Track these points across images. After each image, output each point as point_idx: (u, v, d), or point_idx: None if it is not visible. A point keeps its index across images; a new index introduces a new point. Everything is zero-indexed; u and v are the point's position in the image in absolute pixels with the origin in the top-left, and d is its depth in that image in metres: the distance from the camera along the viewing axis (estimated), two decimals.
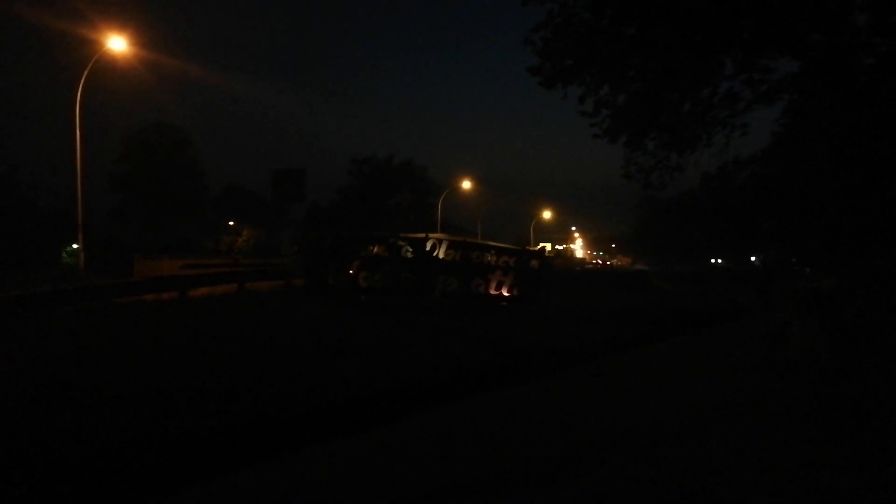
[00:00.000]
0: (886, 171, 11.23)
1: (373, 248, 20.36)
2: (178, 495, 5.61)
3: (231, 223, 63.07)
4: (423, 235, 21.21)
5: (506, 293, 20.30)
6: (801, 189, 13.24)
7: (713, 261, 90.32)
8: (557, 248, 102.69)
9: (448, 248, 20.44)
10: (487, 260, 20.53)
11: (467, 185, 64.06)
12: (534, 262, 21.14)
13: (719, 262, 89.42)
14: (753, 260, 74.13)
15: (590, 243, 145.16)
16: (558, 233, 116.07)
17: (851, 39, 11.32)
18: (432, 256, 20.25)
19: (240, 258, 44.74)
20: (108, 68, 30.52)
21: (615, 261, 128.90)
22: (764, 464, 6.16)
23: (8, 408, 7.11)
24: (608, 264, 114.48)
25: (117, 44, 25.81)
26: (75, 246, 36.84)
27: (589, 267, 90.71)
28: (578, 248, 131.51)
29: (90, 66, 25.93)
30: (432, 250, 20.32)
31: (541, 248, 24.77)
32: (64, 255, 52.11)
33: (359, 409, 8.16)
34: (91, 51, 26.32)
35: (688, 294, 35.24)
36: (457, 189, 65.15)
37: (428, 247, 20.38)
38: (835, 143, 11.80)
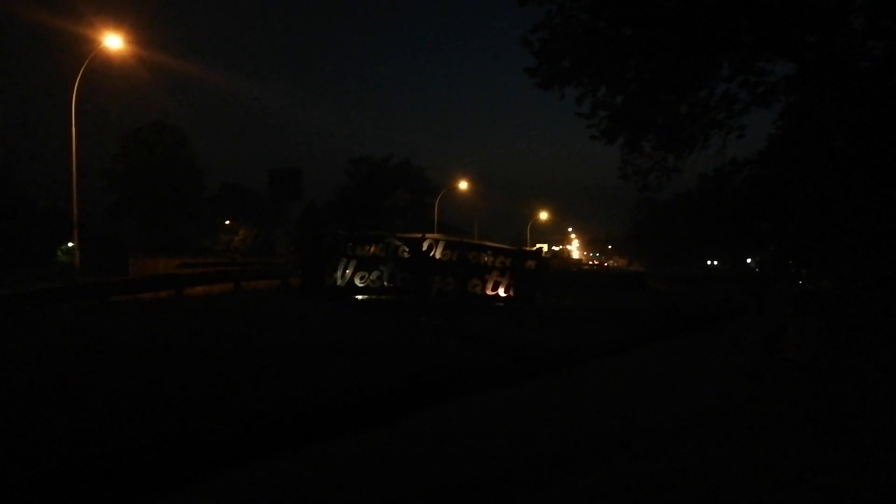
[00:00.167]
0: (883, 173, 11.27)
1: (370, 248, 20.35)
2: (175, 494, 5.61)
3: (228, 222, 62.99)
4: (419, 235, 21.23)
5: (502, 293, 20.32)
6: (798, 191, 13.27)
7: (709, 262, 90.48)
8: (554, 249, 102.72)
9: (445, 249, 20.45)
10: (484, 260, 20.55)
11: (464, 185, 64.08)
12: (530, 263, 21.16)
13: (715, 263, 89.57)
14: (749, 262, 74.29)
15: (586, 244, 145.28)
16: (555, 234, 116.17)
17: (848, 42, 11.35)
18: (429, 256, 20.26)
19: (236, 257, 44.67)
20: (105, 66, 30.47)
21: (611, 262, 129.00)
22: (762, 464, 6.18)
23: (5, 408, 7.10)
24: (606, 265, 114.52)
25: (114, 42, 25.76)
26: (70, 244, 36.78)
27: (585, 268, 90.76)
28: (575, 250, 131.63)
29: (86, 64, 25.87)
30: (429, 250, 20.33)
31: (537, 248, 24.77)
32: (59, 253, 51.96)
33: (356, 408, 8.17)
34: (87, 49, 26.26)
35: (684, 295, 35.33)
36: (454, 189, 65.17)
37: (425, 247, 20.39)
38: (832, 145, 11.83)
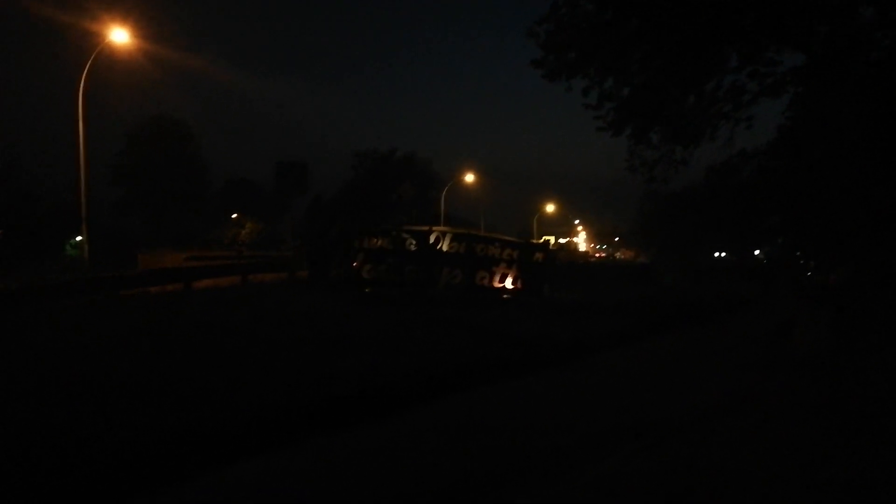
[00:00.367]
0: (893, 163, 11.20)
1: (376, 241, 20.35)
2: (182, 486, 5.63)
3: (234, 216, 63.13)
4: (426, 228, 21.21)
5: (510, 286, 20.31)
6: (807, 182, 13.21)
7: (716, 254, 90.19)
8: (561, 241, 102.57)
9: (452, 241, 20.43)
10: (491, 253, 20.51)
11: (470, 178, 64.10)
12: (538, 255, 21.13)
13: (723, 255, 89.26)
14: (757, 254, 74.03)
15: (593, 237, 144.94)
16: (561, 226, 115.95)
17: (856, 33, 11.28)
18: (436, 249, 20.25)
19: (243, 251, 44.79)
20: (111, 61, 30.49)
21: (619, 254, 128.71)
22: (771, 457, 6.17)
23: (13, 401, 7.14)
24: (616, 257, 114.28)
25: (120, 36, 25.82)
26: (79, 238, 36.92)
27: (592, 260, 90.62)
28: (581, 242, 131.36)
29: (93, 58, 25.94)
30: (436, 243, 20.32)
31: (545, 240, 24.73)
32: (67, 247, 52.20)
33: (364, 401, 8.18)
34: (94, 43, 26.34)
35: (691, 287, 35.23)
36: (460, 182, 65.17)
37: (432, 239, 20.37)
38: (841, 136, 11.77)
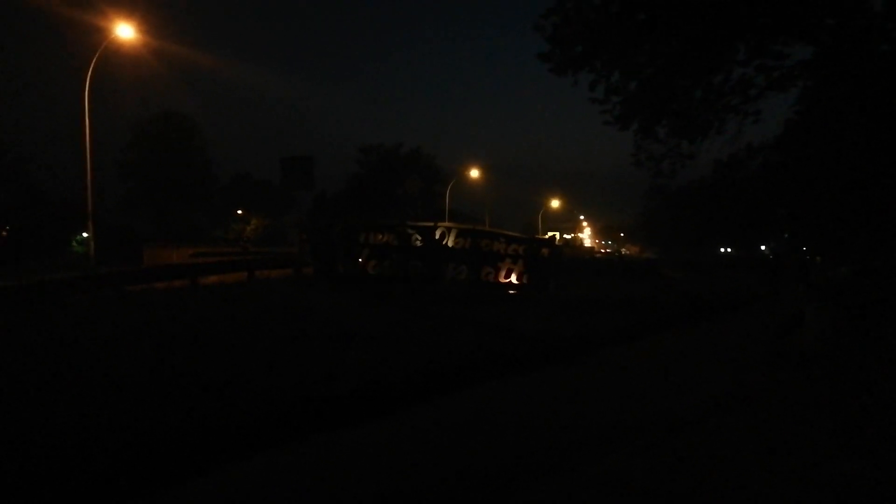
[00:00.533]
0: None
1: (382, 237, 20.33)
2: (188, 482, 5.62)
3: (239, 212, 63.25)
4: (432, 224, 21.18)
5: (515, 281, 20.28)
6: (814, 177, 13.12)
7: (722, 250, 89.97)
8: (566, 237, 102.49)
9: (457, 237, 20.41)
10: (497, 248, 20.48)
11: (475, 173, 63.98)
12: (543, 251, 21.09)
13: (728, 250, 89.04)
14: (763, 249, 73.80)
15: (598, 232, 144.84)
16: (566, 222, 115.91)
17: (866, 25, 11.18)
18: (441, 245, 20.23)
19: (249, 247, 44.89)
20: (117, 57, 30.55)
21: (624, 250, 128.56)
22: (779, 451, 6.13)
23: (20, 396, 7.15)
24: (623, 252, 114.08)
25: (125, 32, 25.81)
26: (85, 235, 37.04)
27: (598, 256, 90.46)
28: (587, 238, 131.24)
29: (98, 54, 25.94)
30: (441, 238, 20.30)
31: (550, 236, 24.66)
32: (74, 243, 52.41)
33: (369, 397, 8.16)
34: (99, 39, 26.33)
35: (697, 283, 35.11)
36: (465, 178, 65.07)
37: (437, 235, 20.35)
38: (849, 130, 11.68)
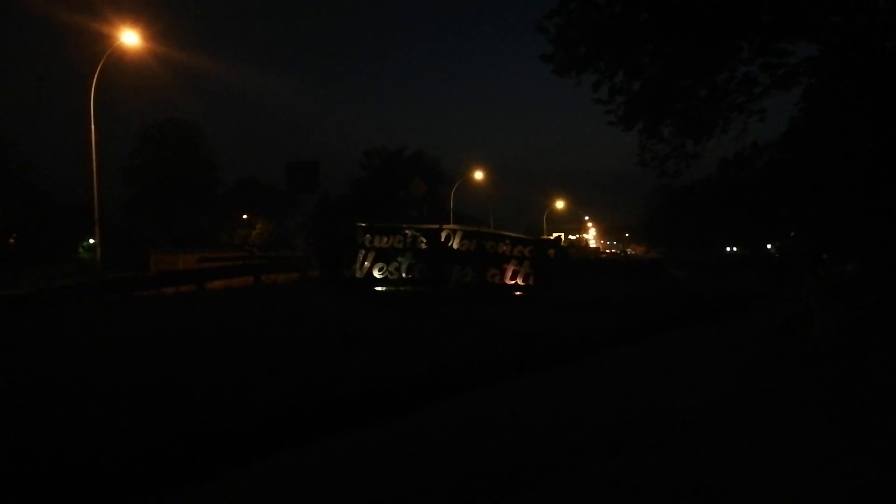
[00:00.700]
0: None
1: (387, 240, 20.34)
2: (194, 486, 5.63)
3: (245, 216, 63.36)
4: (437, 226, 21.19)
5: (521, 283, 20.27)
6: (821, 174, 13.07)
7: (727, 249, 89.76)
8: (571, 237, 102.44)
9: (463, 239, 20.41)
10: (502, 250, 20.47)
11: (479, 175, 63.98)
12: (549, 252, 21.08)
13: (734, 250, 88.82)
14: (769, 247, 73.56)
15: (603, 233, 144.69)
16: (571, 222, 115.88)
17: (871, 22, 11.15)
18: (447, 247, 20.24)
19: (254, 251, 44.96)
20: (122, 63, 30.65)
21: (629, 250, 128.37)
22: (788, 449, 6.11)
23: (28, 401, 7.18)
24: (630, 252, 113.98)
25: (130, 38, 25.95)
26: (91, 241, 37.18)
27: (603, 256, 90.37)
28: (591, 238, 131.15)
29: (103, 60, 26.07)
30: (447, 241, 20.31)
31: (556, 237, 24.64)
32: (80, 249, 52.60)
33: (374, 400, 8.16)
34: (104, 45, 26.47)
35: (702, 282, 35.03)
36: (469, 180, 65.09)
37: (442, 237, 20.36)
38: (855, 127, 11.64)
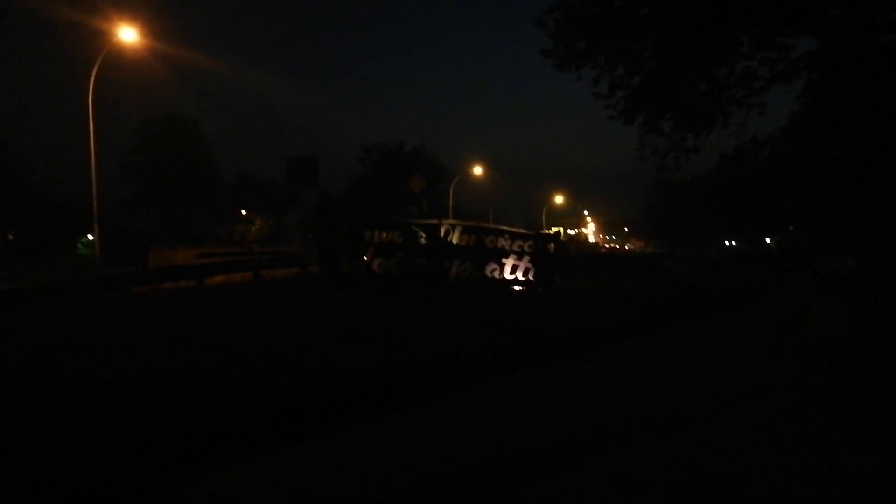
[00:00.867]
0: None
1: (387, 235, 20.34)
2: (193, 482, 5.62)
3: (244, 212, 63.32)
4: (436, 221, 21.20)
5: (521, 277, 20.27)
6: (820, 169, 13.09)
7: (727, 243, 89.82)
8: (570, 232, 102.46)
9: (462, 234, 20.40)
10: (502, 244, 20.46)
11: (478, 170, 63.96)
12: (549, 246, 21.08)
13: (733, 244, 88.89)
14: (769, 242, 73.60)
15: (602, 227, 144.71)
16: (570, 217, 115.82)
17: (871, 16, 11.15)
18: (446, 242, 20.23)
19: (254, 247, 44.96)
20: (120, 59, 30.61)
21: (628, 245, 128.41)
22: (787, 444, 6.13)
23: (28, 396, 7.17)
24: (628, 248, 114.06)
25: (128, 35, 25.86)
26: (90, 237, 37.17)
27: (602, 251, 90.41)
28: (591, 233, 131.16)
29: (102, 57, 26.00)
30: (446, 236, 20.30)
31: (556, 231, 24.61)
32: (79, 245, 52.59)
33: (374, 395, 8.16)
34: (102, 42, 26.40)
35: (702, 277, 35.04)
36: (468, 175, 65.05)
37: (442, 232, 20.36)
38: (854, 121, 11.64)
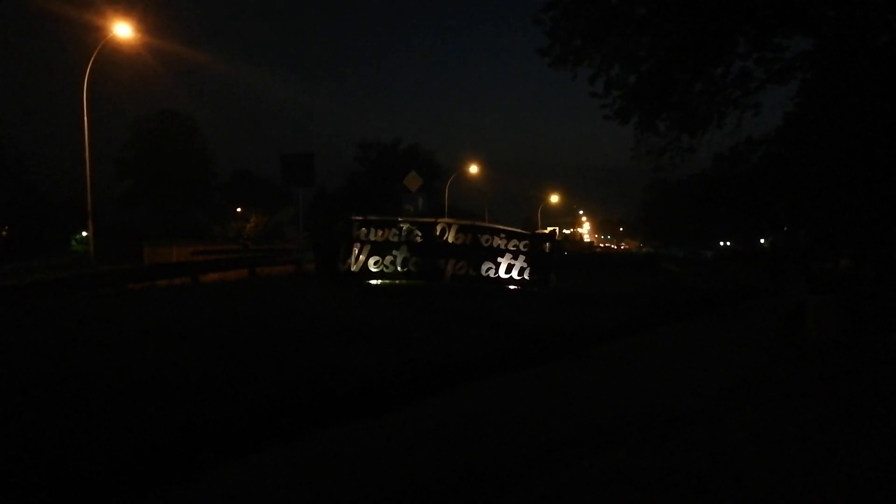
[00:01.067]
0: None
1: (383, 233, 20.31)
2: (190, 480, 5.61)
3: (239, 209, 63.23)
4: (432, 220, 21.17)
5: (516, 276, 20.27)
6: (815, 169, 13.13)
7: (721, 243, 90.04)
8: (565, 231, 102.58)
9: (458, 232, 20.39)
10: (497, 243, 20.46)
11: (474, 169, 63.95)
12: (544, 246, 21.08)
13: (728, 244, 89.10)
14: (763, 242, 73.81)
15: (597, 227, 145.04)
16: (565, 216, 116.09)
17: (866, 16, 11.18)
18: (442, 240, 20.22)
19: (249, 244, 44.91)
20: (115, 55, 30.53)
21: (623, 244, 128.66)
22: (783, 443, 6.15)
23: (20, 396, 7.14)
24: (622, 248, 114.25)
25: (123, 30, 25.77)
26: (85, 233, 37.06)
27: (597, 250, 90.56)
28: (586, 233, 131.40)
29: (96, 53, 25.90)
30: (442, 234, 20.29)
31: (551, 231, 24.59)
32: (74, 242, 52.41)
33: (370, 393, 8.15)
34: (97, 37, 26.29)
35: (697, 276, 35.15)
36: (463, 174, 65.04)
37: (437, 231, 20.33)
38: (849, 122, 11.68)
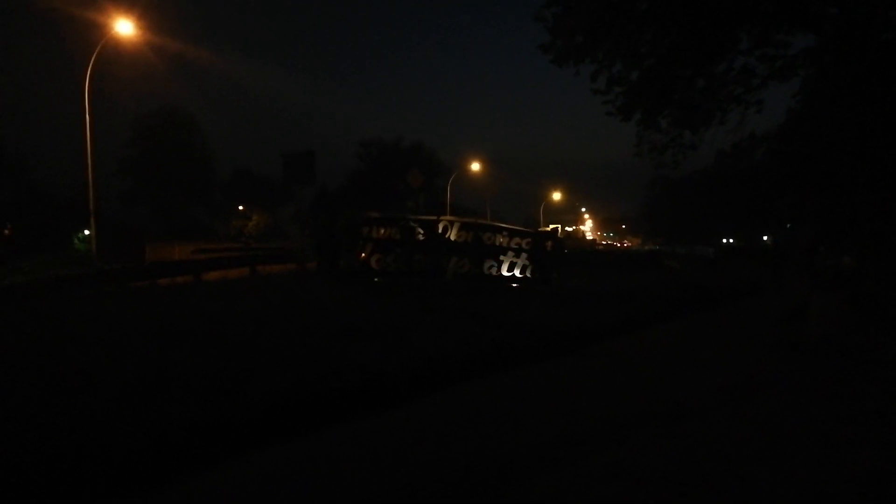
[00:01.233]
0: None
1: (384, 231, 20.30)
2: (194, 477, 5.62)
3: (241, 208, 63.27)
4: (434, 217, 21.14)
5: (518, 274, 20.26)
6: (818, 166, 13.10)
7: (724, 240, 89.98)
8: (567, 229, 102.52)
9: (460, 230, 20.37)
10: (499, 241, 20.45)
11: (476, 166, 63.93)
12: (547, 243, 21.07)
13: (731, 241, 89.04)
14: (766, 239, 73.72)
15: (600, 224, 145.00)
16: (568, 214, 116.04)
17: (869, 13, 11.13)
18: (444, 238, 20.20)
19: (250, 242, 44.97)
20: (117, 53, 30.50)
21: (626, 242, 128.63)
22: (787, 440, 6.14)
23: (23, 394, 7.14)
24: (625, 245, 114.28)
25: (125, 27, 25.76)
26: (87, 232, 37.08)
27: (599, 248, 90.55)
28: (588, 230, 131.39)
29: (98, 50, 25.90)
30: (444, 232, 20.27)
31: (553, 228, 24.57)
32: (76, 241, 52.47)
33: (372, 391, 8.16)
34: (99, 35, 26.28)
35: (700, 273, 35.11)
36: (466, 171, 65.04)
37: (440, 229, 20.32)
38: (851, 119, 11.64)
